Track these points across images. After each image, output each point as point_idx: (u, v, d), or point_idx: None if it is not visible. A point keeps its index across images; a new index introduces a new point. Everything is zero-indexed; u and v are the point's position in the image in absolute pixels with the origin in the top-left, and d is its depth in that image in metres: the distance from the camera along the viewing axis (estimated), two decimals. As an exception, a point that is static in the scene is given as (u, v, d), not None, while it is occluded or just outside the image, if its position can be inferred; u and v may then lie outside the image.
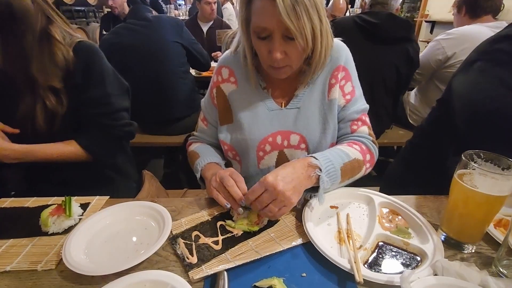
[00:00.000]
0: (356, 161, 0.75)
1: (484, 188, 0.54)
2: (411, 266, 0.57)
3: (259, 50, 0.74)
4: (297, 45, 0.68)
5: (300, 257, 0.60)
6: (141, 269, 0.56)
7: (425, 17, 4.80)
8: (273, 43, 0.68)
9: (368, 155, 0.80)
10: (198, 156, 0.86)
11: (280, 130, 0.83)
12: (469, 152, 0.59)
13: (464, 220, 0.60)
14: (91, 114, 0.93)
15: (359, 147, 0.79)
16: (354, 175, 0.76)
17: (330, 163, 0.70)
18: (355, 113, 0.83)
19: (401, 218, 0.70)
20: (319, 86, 0.82)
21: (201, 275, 0.55)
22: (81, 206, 0.74)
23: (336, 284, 0.55)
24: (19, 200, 0.78)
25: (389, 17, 1.60)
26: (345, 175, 0.73)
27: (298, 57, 0.72)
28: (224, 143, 0.88)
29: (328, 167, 0.69)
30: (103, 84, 0.93)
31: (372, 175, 2.44)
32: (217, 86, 0.89)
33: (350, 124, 0.84)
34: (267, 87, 0.85)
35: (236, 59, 0.86)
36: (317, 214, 0.71)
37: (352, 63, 0.85)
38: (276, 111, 0.83)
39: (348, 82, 0.83)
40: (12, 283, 0.55)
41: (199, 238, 0.65)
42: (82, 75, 0.89)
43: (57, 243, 0.64)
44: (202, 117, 0.96)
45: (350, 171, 0.74)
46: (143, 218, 0.70)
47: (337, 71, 0.82)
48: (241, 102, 0.85)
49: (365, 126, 0.84)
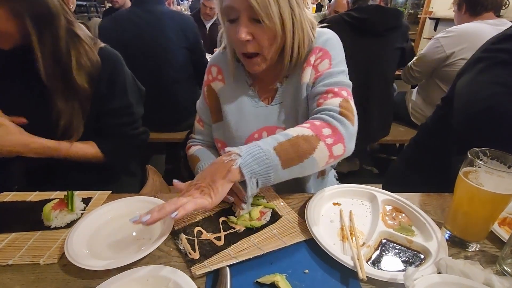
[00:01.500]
0: (300, 137, 0.62)
1: (490, 186, 0.54)
2: (415, 263, 0.57)
3: (230, 36, 0.73)
4: (265, 29, 0.67)
5: (302, 254, 0.60)
6: (143, 264, 0.56)
7: (429, 14, 4.76)
8: (239, 22, 0.68)
9: (326, 129, 0.64)
10: (199, 160, 0.87)
11: (266, 126, 0.83)
12: (474, 149, 0.58)
13: (468, 218, 0.59)
14: (113, 124, 0.93)
15: (309, 123, 0.65)
16: (307, 154, 0.62)
17: (256, 146, 0.60)
18: (324, 86, 0.72)
19: (404, 216, 0.69)
20: (295, 77, 0.80)
21: (204, 271, 0.55)
22: (83, 201, 0.74)
23: (338, 281, 0.54)
24: (22, 194, 0.78)
25: (377, 9, 1.60)
26: (287, 155, 0.60)
27: (267, 44, 0.71)
28: (217, 140, 0.89)
29: (252, 150, 0.59)
30: (126, 94, 0.93)
31: (374, 172, 2.44)
32: (208, 85, 0.89)
33: (317, 99, 0.72)
34: (254, 84, 0.85)
35: (224, 57, 0.86)
36: (320, 211, 0.71)
37: (335, 44, 0.78)
38: (261, 107, 0.83)
39: (325, 60, 0.76)
40: (15, 277, 0.55)
41: (201, 233, 0.64)
42: (107, 85, 0.87)
43: (60, 237, 0.64)
44: (198, 118, 0.96)
45: (293, 150, 0.61)
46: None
47: (312, 54, 0.77)
48: (229, 99, 0.85)
49: (337, 97, 0.70)
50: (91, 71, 0.83)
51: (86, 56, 0.82)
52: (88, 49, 0.83)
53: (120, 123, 0.93)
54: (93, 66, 0.84)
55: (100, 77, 0.85)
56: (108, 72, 0.87)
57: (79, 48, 0.82)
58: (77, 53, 0.81)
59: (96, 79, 0.85)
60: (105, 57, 0.87)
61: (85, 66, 0.82)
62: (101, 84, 0.86)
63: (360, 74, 0.87)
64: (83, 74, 0.82)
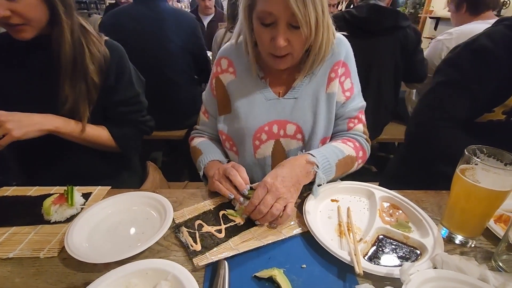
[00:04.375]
0: (349, 157, 0.79)
1: (487, 183, 0.54)
2: (411, 259, 0.57)
3: (260, 38, 0.73)
4: (300, 34, 0.68)
5: (300, 249, 0.61)
6: (142, 258, 0.57)
7: (429, 13, 4.76)
8: (278, 30, 0.68)
9: (361, 152, 0.83)
10: (201, 153, 0.87)
11: (276, 119, 0.83)
12: (472, 147, 0.59)
13: (465, 215, 0.60)
14: (124, 112, 0.96)
15: (353, 144, 0.82)
16: (346, 171, 0.81)
17: (326, 160, 0.73)
18: (353, 111, 0.85)
19: (401, 212, 0.70)
20: (319, 78, 0.83)
21: (205, 262, 0.56)
22: (83, 196, 0.74)
23: (335, 276, 0.55)
24: (22, 189, 0.79)
25: (373, 9, 1.58)
26: (339, 171, 0.76)
27: (300, 47, 0.73)
28: (222, 133, 0.89)
29: (324, 164, 0.72)
30: (133, 84, 0.96)
31: (373, 171, 2.44)
32: (216, 77, 0.90)
33: (347, 122, 0.86)
34: (265, 77, 0.85)
35: (236, 50, 0.87)
36: (318, 207, 0.72)
37: (352, 59, 0.86)
38: (273, 100, 0.84)
39: (348, 79, 0.84)
40: (15, 270, 0.56)
41: (202, 227, 0.65)
42: (116, 78, 0.90)
43: (59, 231, 0.64)
44: (204, 109, 0.96)
45: (343, 166, 0.78)
46: (144, 208, 0.71)
47: (337, 66, 0.82)
48: (239, 91, 0.86)
49: (360, 124, 0.87)
50: (101, 61, 0.86)
51: (94, 46, 0.85)
52: (96, 40, 0.86)
53: (131, 110, 0.97)
54: (102, 57, 0.86)
55: (109, 69, 0.88)
56: (115, 64, 0.89)
57: (87, 38, 0.85)
58: (87, 42, 0.84)
59: (105, 71, 0.87)
60: (112, 49, 0.89)
61: (95, 55, 0.85)
62: (110, 77, 0.89)
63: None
64: (95, 63, 0.85)
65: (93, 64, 0.84)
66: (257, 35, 0.74)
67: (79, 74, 0.83)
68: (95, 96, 0.87)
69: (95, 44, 0.85)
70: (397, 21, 1.61)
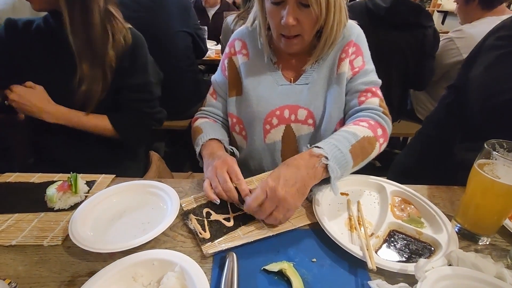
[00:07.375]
0: (366, 139, 0.68)
1: (507, 179, 0.52)
2: (424, 255, 0.56)
3: (271, 17, 0.73)
4: (311, 13, 0.67)
5: (309, 243, 0.59)
6: (148, 248, 0.55)
7: (437, 7, 4.67)
8: (287, 8, 0.68)
9: (379, 129, 0.72)
10: (201, 132, 0.82)
11: (288, 104, 0.82)
12: (491, 141, 0.57)
13: (481, 212, 0.58)
14: (131, 98, 0.95)
15: (367, 123, 0.71)
16: (368, 155, 0.69)
17: (336, 148, 0.63)
18: (363, 84, 0.79)
19: (413, 208, 0.68)
20: (329, 62, 0.81)
21: (215, 250, 0.55)
22: (86, 184, 0.73)
23: (347, 270, 0.54)
24: (24, 176, 0.77)
25: (398, 0, 1.52)
26: (357, 157, 0.66)
27: (310, 27, 0.72)
28: (232, 115, 0.87)
29: (335, 153, 0.62)
30: (147, 72, 0.96)
31: (377, 166, 2.42)
32: (229, 58, 0.89)
33: (357, 96, 0.78)
34: (278, 62, 0.84)
35: (251, 33, 0.87)
36: (327, 200, 0.70)
37: (364, 41, 0.83)
38: (285, 86, 0.83)
39: (359, 57, 0.81)
40: (18, 257, 0.55)
41: (210, 215, 0.64)
42: (129, 60, 0.90)
43: (63, 219, 0.63)
44: (212, 91, 0.94)
45: (361, 151, 0.67)
46: (149, 198, 0.69)
47: (348, 46, 0.80)
48: (251, 74, 0.85)
49: (375, 98, 0.78)
50: (123, 47, 0.87)
51: (119, 33, 0.86)
52: (122, 27, 0.87)
53: (138, 98, 0.95)
54: (126, 44, 0.87)
55: (124, 52, 0.88)
56: (130, 47, 0.89)
57: (113, 25, 0.85)
58: (112, 29, 0.85)
59: (121, 55, 0.87)
60: (134, 37, 0.90)
61: (118, 42, 0.86)
62: (124, 58, 0.88)
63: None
64: (115, 49, 0.85)
65: (113, 50, 0.85)
66: (268, 16, 0.74)
67: (99, 59, 0.83)
68: (109, 81, 0.87)
69: (121, 31, 0.86)
70: (420, 19, 1.55)
